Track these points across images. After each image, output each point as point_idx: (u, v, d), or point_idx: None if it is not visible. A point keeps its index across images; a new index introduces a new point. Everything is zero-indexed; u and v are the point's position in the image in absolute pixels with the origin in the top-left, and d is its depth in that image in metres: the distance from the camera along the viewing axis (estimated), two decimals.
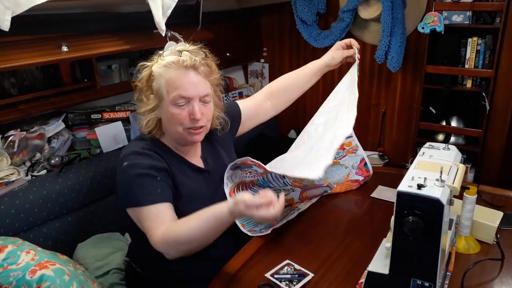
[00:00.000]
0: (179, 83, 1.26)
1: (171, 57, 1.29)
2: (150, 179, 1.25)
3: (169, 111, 1.28)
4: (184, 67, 1.27)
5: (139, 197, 1.23)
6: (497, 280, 1.16)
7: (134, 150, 1.29)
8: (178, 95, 1.26)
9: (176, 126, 1.29)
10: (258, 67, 3.09)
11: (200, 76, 1.29)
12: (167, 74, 1.27)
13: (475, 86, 2.33)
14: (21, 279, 1.09)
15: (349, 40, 1.63)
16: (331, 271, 1.22)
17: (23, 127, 1.65)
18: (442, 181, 1.00)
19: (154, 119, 1.32)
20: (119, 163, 1.30)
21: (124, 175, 1.27)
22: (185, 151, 1.40)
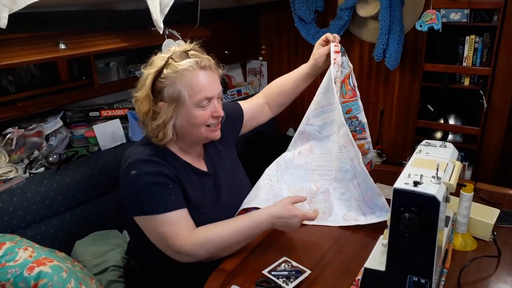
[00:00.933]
0: (203, 85, 1.26)
1: (187, 61, 1.26)
2: (162, 186, 1.24)
3: (192, 114, 1.27)
4: (202, 68, 1.27)
5: (154, 205, 1.22)
6: (493, 277, 1.17)
7: (141, 158, 1.26)
8: (204, 97, 1.26)
9: (198, 128, 1.30)
10: (256, 65, 3.09)
11: (215, 74, 1.32)
12: (188, 78, 1.24)
13: (473, 84, 2.33)
14: (19, 276, 1.10)
15: (325, 35, 1.58)
16: (328, 268, 1.23)
17: (21, 125, 1.65)
18: (438, 178, 1.00)
19: (173, 127, 1.28)
20: (124, 170, 1.26)
21: (133, 184, 1.24)
22: (189, 153, 1.39)
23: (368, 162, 1.68)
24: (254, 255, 1.30)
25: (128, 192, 1.27)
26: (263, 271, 1.19)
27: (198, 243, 1.22)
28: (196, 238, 1.23)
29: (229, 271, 1.23)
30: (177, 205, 1.25)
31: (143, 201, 1.23)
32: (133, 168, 1.24)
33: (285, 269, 1.20)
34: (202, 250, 1.23)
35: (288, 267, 1.20)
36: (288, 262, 1.23)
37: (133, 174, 1.23)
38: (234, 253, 1.31)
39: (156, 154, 1.29)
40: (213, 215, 1.34)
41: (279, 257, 1.26)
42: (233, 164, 1.55)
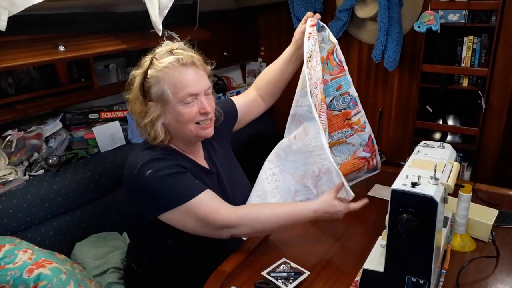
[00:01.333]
0: (186, 82, 1.25)
1: (168, 58, 1.26)
2: (183, 174, 1.26)
3: (178, 112, 1.26)
4: (184, 65, 1.26)
5: (183, 193, 1.23)
6: (492, 277, 1.17)
7: (152, 158, 1.25)
8: (187, 93, 1.25)
9: (187, 125, 1.28)
10: (255, 66, 3.09)
11: (200, 70, 1.30)
12: (170, 76, 1.25)
13: (471, 85, 2.34)
14: (18, 278, 1.10)
15: (306, 15, 1.57)
16: (327, 269, 1.23)
17: (21, 127, 1.65)
18: (436, 179, 1.00)
19: (163, 126, 1.29)
20: (136, 174, 1.23)
21: (153, 183, 1.22)
22: (192, 152, 1.39)
23: (369, 137, 1.64)
24: (253, 256, 1.30)
25: (148, 192, 1.24)
26: (262, 273, 1.19)
27: (246, 217, 1.26)
28: (244, 213, 1.27)
29: (229, 272, 1.23)
30: (203, 187, 1.26)
31: (170, 195, 1.22)
32: (147, 168, 1.22)
33: (284, 270, 1.20)
34: (247, 226, 1.26)
35: (287, 268, 1.21)
36: (287, 263, 1.23)
37: (150, 173, 1.22)
38: (233, 255, 1.31)
39: (165, 153, 1.29)
40: None
41: (278, 259, 1.26)
42: (230, 161, 1.55)
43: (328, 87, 1.57)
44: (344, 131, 1.64)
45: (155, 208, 1.24)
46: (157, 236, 1.31)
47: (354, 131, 1.63)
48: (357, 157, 1.65)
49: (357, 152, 1.65)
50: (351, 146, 1.65)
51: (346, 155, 1.65)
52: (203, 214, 1.23)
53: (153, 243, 1.34)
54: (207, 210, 1.23)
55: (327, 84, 1.57)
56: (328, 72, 1.56)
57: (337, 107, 1.61)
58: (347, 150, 1.66)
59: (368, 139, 1.64)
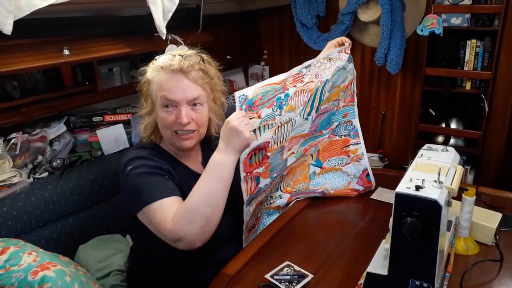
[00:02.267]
0: (166, 86, 1.26)
1: (160, 62, 1.30)
2: (157, 176, 1.24)
3: (158, 114, 1.29)
4: (172, 71, 1.26)
5: (149, 193, 1.19)
6: (495, 281, 1.17)
7: (138, 155, 1.28)
8: (164, 98, 1.26)
9: (165, 130, 1.30)
10: (258, 69, 3.10)
11: (188, 80, 1.27)
12: (157, 78, 1.28)
13: (474, 88, 2.34)
14: (23, 280, 1.10)
15: (341, 38, 1.61)
16: (331, 272, 1.23)
17: (25, 130, 1.66)
18: (440, 183, 1.00)
19: (151, 123, 1.33)
20: (122, 170, 1.28)
21: (129, 178, 1.24)
22: (185, 156, 1.39)
23: (363, 170, 1.68)
24: (257, 259, 1.30)
25: (127, 189, 1.26)
26: (266, 276, 1.19)
27: (180, 218, 1.14)
28: (176, 215, 1.15)
29: (232, 275, 1.23)
30: (172, 192, 1.21)
31: (140, 193, 1.20)
32: (129, 164, 1.26)
33: (288, 273, 1.20)
34: (187, 223, 1.13)
35: (290, 271, 1.21)
36: (291, 266, 1.23)
37: (129, 169, 1.24)
38: (237, 257, 1.31)
39: (153, 154, 1.30)
40: None
41: (282, 261, 1.26)
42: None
43: (339, 113, 1.65)
44: (341, 158, 1.69)
45: (131, 206, 1.24)
46: (158, 239, 1.31)
47: (350, 159, 1.68)
48: (351, 188, 1.69)
49: (351, 183, 1.69)
50: (346, 175, 1.69)
51: (340, 184, 1.69)
52: (155, 222, 1.18)
53: (154, 245, 1.34)
54: (159, 218, 1.16)
55: (339, 110, 1.65)
56: (343, 99, 1.64)
57: (339, 133, 1.68)
58: (342, 180, 1.69)
59: (363, 172, 1.67)
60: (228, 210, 1.36)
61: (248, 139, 1.16)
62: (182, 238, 1.14)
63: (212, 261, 1.33)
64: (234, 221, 1.43)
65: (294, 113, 1.39)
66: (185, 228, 1.13)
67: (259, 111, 1.24)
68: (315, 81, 1.45)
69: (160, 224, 1.16)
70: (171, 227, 1.14)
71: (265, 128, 1.29)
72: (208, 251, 1.30)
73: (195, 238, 1.15)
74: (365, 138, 2.77)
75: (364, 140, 2.87)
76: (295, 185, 1.63)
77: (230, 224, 1.40)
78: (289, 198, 1.61)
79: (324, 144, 1.68)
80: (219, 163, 1.18)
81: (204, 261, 1.33)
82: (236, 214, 1.42)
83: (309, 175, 1.67)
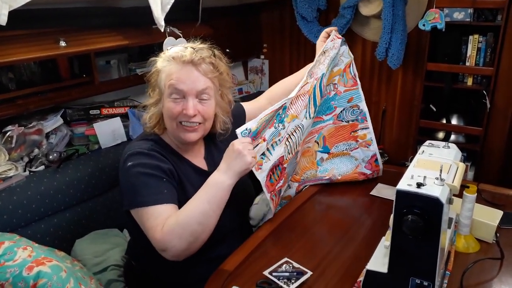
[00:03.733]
0: (175, 76, 1.27)
1: (172, 52, 1.31)
2: (155, 179, 1.23)
3: (165, 104, 1.29)
4: (182, 62, 1.27)
5: (145, 196, 1.20)
6: (496, 279, 1.16)
7: (139, 151, 1.26)
8: (173, 88, 1.26)
9: (171, 121, 1.29)
10: (258, 63, 3.08)
11: (198, 72, 1.28)
12: (167, 68, 1.29)
13: (476, 84, 2.32)
14: (18, 276, 1.09)
15: (325, 31, 1.63)
16: (330, 269, 1.22)
17: (21, 122, 1.65)
18: (442, 180, 0.99)
19: (156, 113, 1.33)
20: (122, 163, 1.27)
21: (128, 175, 1.24)
22: (188, 150, 1.38)
23: (372, 156, 1.66)
24: (255, 256, 1.29)
25: (123, 184, 1.27)
26: (264, 272, 1.18)
27: (170, 230, 1.15)
28: (166, 226, 1.16)
29: (230, 271, 1.22)
30: (167, 199, 1.22)
31: (136, 192, 1.21)
32: (129, 160, 1.25)
33: (286, 270, 1.19)
34: (174, 237, 1.15)
35: (289, 268, 1.20)
36: (289, 263, 1.22)
37: (129, 166, 1.24)
38: (235, 254, 1.30)
39: (155, 149, 1.29)
40: None
41: (280, 258, 1.25)
42: None
43: (341, 98, 1.63)
44: (349, 143, 1.67)
45: (125, 201, 1.25)
46: None
47: (359, 145, 1.66)
48: (358, 172, 1.69)
49: (358, 167, 1.69)
50: (354, 159, 1.68)
51: (348, 168, 1.68)
52: (146, 227, 1.19)
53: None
54: (150, 224, 1.18)
55: (340, 95, 1.62)
56: (342, 84, 1.61)
57: (346, 118, 1.65)
58: (350, 163, 1.69)
59: (372, 157, 1.66)
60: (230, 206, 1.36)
61: (249, 164, 1.20)
62: (168, 249, 1.16)
63: (212, 257, 1.32)
64: (235, 217, 1.42)
65: (298, 119, 1.41)
66: (173, 241, 1.15)
67: (263, 135, 1.30)
68: (310, 81, 1.47)
69: (150, 230, 1.18)
70: (160, 237, 1.16)
71: (273, 147, 1.34)
72: (208, 247, 1.29)
73: (181, 252, 1.17)
74: None
75: None
76: (303, 173, 1.62)
77: (230, 221, 1.39)
78: (297, 187, 1.60)
79: (330, 130, 1.66)
80: (217, 183, 1.21)
81: (203, 257, 1.32)
82: (238, 210, 1.41)
83: (317, 161, 1.66)
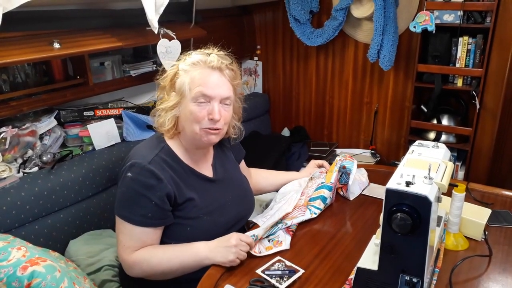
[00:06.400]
0: (203, 81, 1.28)
1: (198, 56, 1.32)
2: (145, 200, 1.25)
3: (189, 109, 1.29)
4: (210, 67, 1.30)
5: (130, 213, 1.26)
6: (484, 276, 1.18)
7: (142, 164, 1.26)
8: (200, 92, 1.28)
9: (193, 125, 1.30)
10: (251, 64, 3.10)
11: (224, 78, 1.32)
12: (193, 72, 1.30)
13: (466, 85, 2.35)
14: (12, 276, 1.09)
15: (322, 162, 1.75)
16: (322, 267, 1.24)
17: (15, 124, 1.65)
18: (430, 179, 1.01)
19: (173, 117, 1.33)
20: (125, 167, 1.29)
21: (124, 186, 1.28)
22: (196, 158, 1.40)
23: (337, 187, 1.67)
24: (248, 254, 1.30)
25: (119, 188, 1.31)
26: (257, 271, 1.19)
27: (137, 260, 1.26)
28: (137, 255, 1.27)
29: (223, 270, 1.23)
30: (149, 223, 1.27)
31: (124, 205, 1.28)
32: (131, 170, 1.27)
33: (279, 268, 1.20)
34: (138, 268, 1.27)
35: (281, 267, 1.21)
36: (282, 262, 1.23)
37: (128, 177, 1.26)
38: None
39: (158, 161, 1.29)
40: (214, 219, 1.37)
41: (273, 257, 1.26)
42: (239, 175, 1.57)
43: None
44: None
45: (116, 205, 1.30)
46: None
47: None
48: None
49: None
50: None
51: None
52: (120, 240, 1.29)
53: None
54: (123, 240, 1.28)
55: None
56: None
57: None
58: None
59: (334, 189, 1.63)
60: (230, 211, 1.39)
61: (228, 261, 1.22)
62: (128, 271, 1.30)
63: None
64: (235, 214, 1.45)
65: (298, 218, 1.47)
66: (135, 271, 1.28)
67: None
68: (302, 198, 1.57)
69: (120, 245, 1.29)
70: (126, 259, 1.28)
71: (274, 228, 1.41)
72: None
73: (138, 276, 1.30)
74: (357, 134, 2.84)
75: (357, 136, 2.90)
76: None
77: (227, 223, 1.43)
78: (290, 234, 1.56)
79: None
80: (198, 254, 1.26)
81: None
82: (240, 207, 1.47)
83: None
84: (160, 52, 1.89)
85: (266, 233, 1.37)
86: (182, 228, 1.33)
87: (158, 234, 1.30)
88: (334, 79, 2.80)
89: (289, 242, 1.35)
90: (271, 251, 1.31)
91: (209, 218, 1.36)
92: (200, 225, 1.34)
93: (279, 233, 1.39)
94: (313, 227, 1.46)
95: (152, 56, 2.15)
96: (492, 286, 1.15)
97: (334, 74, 2.80)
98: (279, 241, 1.36)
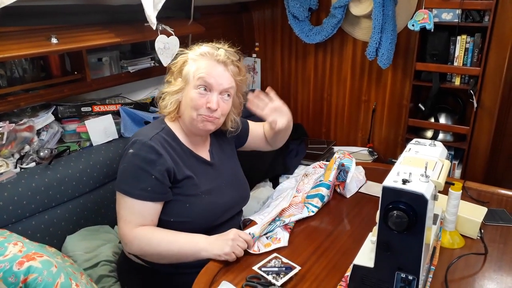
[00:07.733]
0: (206, 71, 1.34)
1: (207, 48, 1.39)
2: (146, 174, 1.29)
3: (190, 95, 1.35)
4: (216, 60, 1.36)
5: (130, 187, 1.29)
6: (479, 274, 1.19)
7: (143, 140, 1.32)
8: (202, 80, 1.34)
9: (191, 111, 1.36)
10: (250, 62, 3.09)
11: (227, 72, 1.38)
12: (200, 62, 1.37)
13: (464, 84, 2.36)
14: (8, 271, 1.09)
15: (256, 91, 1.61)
16: (318, 264, 1.24)
17: (12, 119, 1.64)
18: (427, 177, 1.01)
19: (176, 101, 1.39)
20: (128, 145, 1.34)
21: (125, 160, 1.32)
22: (195, 142, 1.45)
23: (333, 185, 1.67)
24: (245, 250, 1.31)
25: (120, 165, 1.35)
26: (254, 267, 1.20)
27: (138, 236, 1.28)
28: (139, 231, 1.29)
29: (220, 266, 1.24)
30: (149, 197, 1.30)
31: (124, 180, 1.31)
32: (132, 147, 1.32)
33: (275, 265, 1.21)
34: (137, 244, 1.29)
35: (278, 263, 1.21)
36: (278, 259, 1.24)
37: (129, 153, 1.31)
38: None
39: (159, 139, 1.35)
40: (211, 199, 1.41)
41: (270, 254, 1.27)
42: (235, 163, 1.61)
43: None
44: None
45: (116, 181, 1.35)
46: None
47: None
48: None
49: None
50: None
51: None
52: (121, 214, 1.31)
53: None
54: (124, 214, 1.30)
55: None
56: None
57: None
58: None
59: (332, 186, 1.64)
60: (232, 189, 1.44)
61: (224, 254, 1.24)
62: (126, 246, 1.33)
63: None
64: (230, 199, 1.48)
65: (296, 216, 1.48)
66: (134, 247, 1.30)
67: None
68: (299, 195, 1.59)
69: (121, 220, 1.31)
70: (127, 234, 1.30)
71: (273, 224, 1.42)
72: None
73: (135, 253, 1.34)
74: (355, 131, 2.84)
75: (354, 134, 2.91)
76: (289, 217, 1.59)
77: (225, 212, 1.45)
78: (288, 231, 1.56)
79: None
80: (197, 244, 1.29)
81: None
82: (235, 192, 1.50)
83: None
84: (158, 48, 1.89)
85: (263, 231, 1.37)
86: (181, 205, 1.35)
87: (157, 210, 1.33)
88: (332, 77, 2.81)
89: (287, 239, 1.36)
90: (269, 248, 1.32)
91: (208, 197, 1.40)
92: (199, 202, 1.37)
93: (277, 230, 1.40)
94: (310, 224, 1.46)
95: (150, 52, 2.14)
96: (488, 284, 1.15)
97: (332, 71, 2.80)
98: (277, 238, 1.37)
